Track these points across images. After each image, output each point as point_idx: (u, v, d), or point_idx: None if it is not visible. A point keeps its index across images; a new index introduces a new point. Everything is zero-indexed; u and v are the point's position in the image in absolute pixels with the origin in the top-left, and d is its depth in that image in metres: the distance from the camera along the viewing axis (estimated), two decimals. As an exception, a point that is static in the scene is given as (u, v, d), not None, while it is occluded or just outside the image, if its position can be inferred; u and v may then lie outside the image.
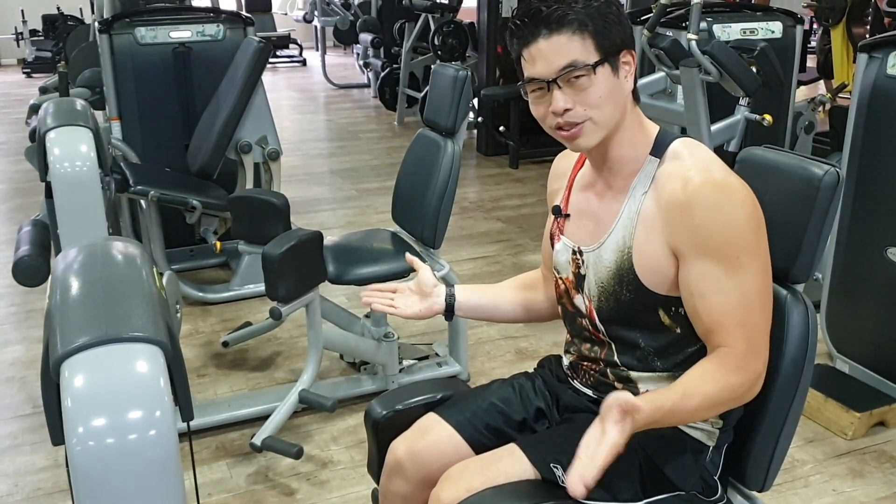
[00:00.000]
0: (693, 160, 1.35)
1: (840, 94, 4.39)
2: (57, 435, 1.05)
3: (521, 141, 6.08)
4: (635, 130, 1.41)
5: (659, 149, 1.39)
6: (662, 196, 1.35)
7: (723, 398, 1.34)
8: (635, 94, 1.41)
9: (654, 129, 1.43)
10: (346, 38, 9.61)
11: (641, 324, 1.43)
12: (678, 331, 1.41)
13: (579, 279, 1.49)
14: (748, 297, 1.32)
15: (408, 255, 1.75)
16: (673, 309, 1.39)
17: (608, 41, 1.33)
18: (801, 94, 5.83)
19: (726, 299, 1.32)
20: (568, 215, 1.52)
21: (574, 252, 1.49)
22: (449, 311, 1.64)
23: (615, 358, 1.48)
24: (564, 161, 1.59)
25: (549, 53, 1.33)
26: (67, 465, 0.99)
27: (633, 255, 1.38)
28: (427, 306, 1.62)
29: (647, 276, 1.38)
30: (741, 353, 1.32)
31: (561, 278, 1.54)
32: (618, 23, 1.35)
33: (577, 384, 1.58)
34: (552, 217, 1.57)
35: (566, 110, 1.34)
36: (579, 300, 1.50)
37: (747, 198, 1.32)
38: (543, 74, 1.34)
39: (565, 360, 1.62)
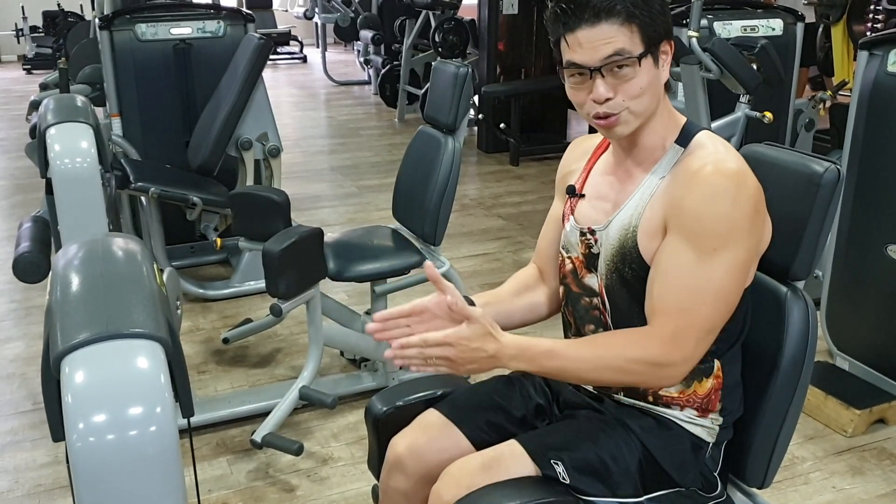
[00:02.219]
0: (714, 149, 1.36)
1: (840, 92, 4.38)
2: (57, 431, 1.05)
3: (521, 138, 6.08)
4: (665, 119, 1.41)
5: (685, 138, 1.40)
6: (675, 177, 1.36)
7: (627, 365, 1.32)
8: (666, 83, 1.41)
9: (681, 119, 1.43)
10: (346, 35, 9.60)
11: (641, 308, 1.41)
12: None
13: (591, 258, 1.48)
14: (705, 291, 1.30)
15: (428, 266, 1.35)
16: None
17: (653, 31, 1.32)
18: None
19: (682, 282, 1.31)
20: (583, 195, 1.52)
21: (583, 233, 1.49)
22: None
23: None
24: (584, 144, 1.59)
25: (594, 41, 1.31)
26: (68, 462, 0.99)
27: (639, 233, 1.38)
28: None
29: (649, 254, 1.38)
30: (663, 335, 1.31)
31: (570, 257, 1.54)
32: (662, 13, 1.34)
33: (576, 380, 1.58)
34: (565, 197, 1.56)
35: (607, 99, 1.34)
36: (591, 279, 1.50)
37: (751, 197, 1.31)
38: (586, 62, 1.32)
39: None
